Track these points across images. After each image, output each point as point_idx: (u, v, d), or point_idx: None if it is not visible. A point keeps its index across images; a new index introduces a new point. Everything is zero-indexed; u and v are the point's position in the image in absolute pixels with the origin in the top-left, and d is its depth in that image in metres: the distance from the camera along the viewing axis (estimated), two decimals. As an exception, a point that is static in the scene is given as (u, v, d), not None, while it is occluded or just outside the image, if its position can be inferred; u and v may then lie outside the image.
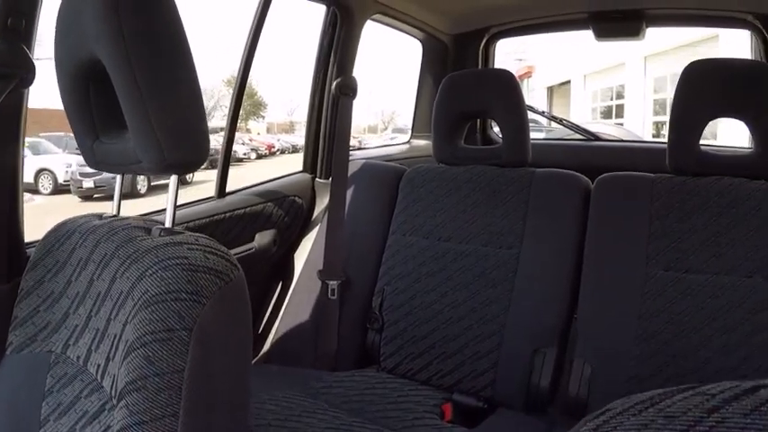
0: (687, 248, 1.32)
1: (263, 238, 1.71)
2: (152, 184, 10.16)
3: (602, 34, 2.17)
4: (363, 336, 1.63)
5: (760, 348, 1.22)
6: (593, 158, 2.35)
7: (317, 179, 1.94)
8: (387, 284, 1.61)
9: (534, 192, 1.52)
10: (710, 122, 1.35)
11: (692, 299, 1.28)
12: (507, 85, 1.58)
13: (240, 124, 24.37)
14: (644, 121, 12.96)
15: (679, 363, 1.26)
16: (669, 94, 12.87)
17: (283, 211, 1.79)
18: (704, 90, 1.33)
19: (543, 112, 2.65)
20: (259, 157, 17.31)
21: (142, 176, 10.06)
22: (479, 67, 2.44)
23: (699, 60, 1.36)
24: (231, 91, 1.69)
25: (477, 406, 1.46)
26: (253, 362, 1.72)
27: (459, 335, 1.50)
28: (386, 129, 24.67)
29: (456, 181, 1.61)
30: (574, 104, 17.36)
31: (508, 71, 1.61)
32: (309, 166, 1.95)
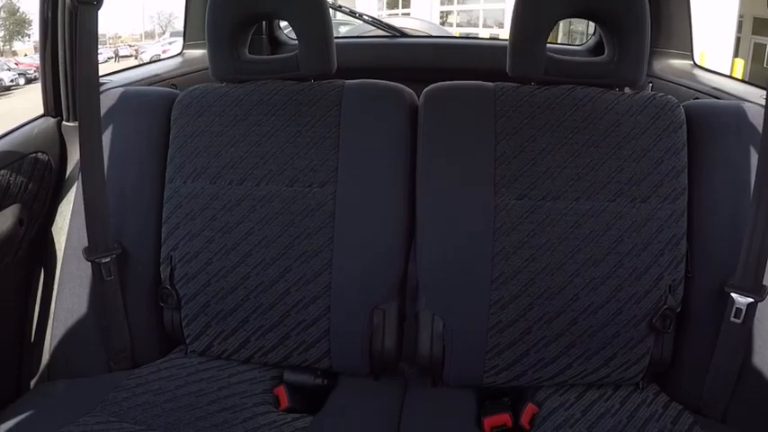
0: (542, 172, 1.14)
1: (4, 221, 1.25)
2: None
3: None
4: (160, 317, 1.28)
5: (628, 280, 1.11)
6: (404, 58, 2.10)
7: (64, 123, 1.44)
8: (173, 250, 1.24)
9: (347, 110, 1.22)
10: None
11: (552, 230, 1.12)
12: None
13: (4, 48, 21.37)
14: (431, 11, 13.22)
15: (544, 304, 1.12)
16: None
17: (25, 177, 1.31)
18: None
19: (341, 7, 2.33)
20: (28, 81, 15.31)
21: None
22: None
23: None
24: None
25: (315, 384, 1.23)
26: (34, 381, 1.34)
27: (276, 302, 1.20)
28: (164, 33, 22.90)
29: (242, 104, 1.25)
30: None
31: None
32: (51, 106, 1.44)
